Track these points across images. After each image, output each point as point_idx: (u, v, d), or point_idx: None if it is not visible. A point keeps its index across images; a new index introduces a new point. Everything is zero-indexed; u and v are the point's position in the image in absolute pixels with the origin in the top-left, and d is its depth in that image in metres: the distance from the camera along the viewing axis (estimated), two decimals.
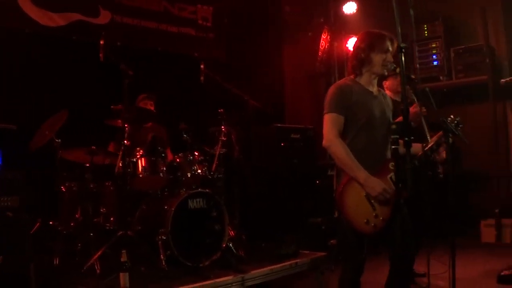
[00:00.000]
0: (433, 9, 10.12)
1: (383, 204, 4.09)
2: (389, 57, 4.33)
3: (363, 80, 4.39)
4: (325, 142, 4.19)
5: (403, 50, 3.84)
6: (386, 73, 4.46)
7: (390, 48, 4.35)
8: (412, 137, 3.80)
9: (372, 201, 4.08)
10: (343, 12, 9.99)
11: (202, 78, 6.79)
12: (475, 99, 9.82)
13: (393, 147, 3.90)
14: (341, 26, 10.30)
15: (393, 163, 4.19)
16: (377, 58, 4.32)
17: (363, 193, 4.08)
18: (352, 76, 4.44)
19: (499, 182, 9.35)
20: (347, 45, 10.18)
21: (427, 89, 4.29)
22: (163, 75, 7.74)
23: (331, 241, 7.67)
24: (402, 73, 3.84)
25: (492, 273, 6.44)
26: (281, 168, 8.04)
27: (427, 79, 9.87)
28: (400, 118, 5.19)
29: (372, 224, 4.07)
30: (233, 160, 7.13)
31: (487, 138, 9.29)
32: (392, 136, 3.87)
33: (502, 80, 6.81)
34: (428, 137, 5.27)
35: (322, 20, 10.25)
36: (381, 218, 4.08)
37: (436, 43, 10.06)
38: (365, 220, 4.06)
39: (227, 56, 8.97)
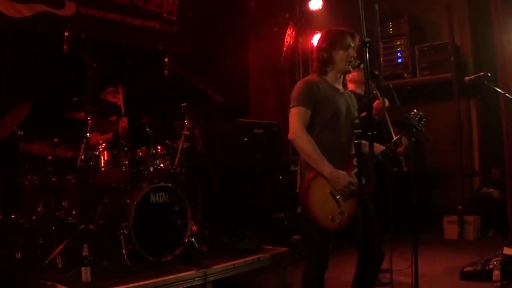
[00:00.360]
0: (399, 7, 10.23)
1: (348, 200, 4.14)
2: (352, 52, 4.40)
3: (329, 78, 4.45)
4: (290, 135, 4.23)
5: (367, 44, 3.89)
6: (351, 70, 4.50)
7: (352, 44, 4.41)
8: (376, 132, 3.84)
9: (337, 197, 4.13)
10: (308, 8, 10.05)
11: (166, 71, 6.79)
12: (440, 97, 9.97)
13: (355, 141, 3.94)
14: (307, 22, 10.37)
15: (357, 159, 4.27)
16: (339, 55, 4.39)
17: (328, 190, 4.13)
18: (316, 74, 4.49)
19: (463, 180, 9.49)
20: (312, 41, 10.22)
21: (391, 85, 4.33)
22: (127, 68, 7.68)
23: (294, 237, 7.71)
24: (366, 68, 3.89)
25: (455, 269, 6.55)
26: (244, 163, 8.06)
27: (392, 76, 9.97)
28: (364, 113, 5.28)
29: (337, 221, 4.12)
30: (196, 154, 7.12)
31: (451, 136, 9.43)
32: (355, 131, 3.92)
33: (466, 78, 6.91)
34: (392, 132, 5.34)
35: (287, 15, 10.28)
36: (346, 214, 4.13)
37: (401, 41, 10.18)
38: (330, 217, 4.10)
39: (192, 50, 8.94)
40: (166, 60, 6.78)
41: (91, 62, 5.65)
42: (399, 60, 10.21)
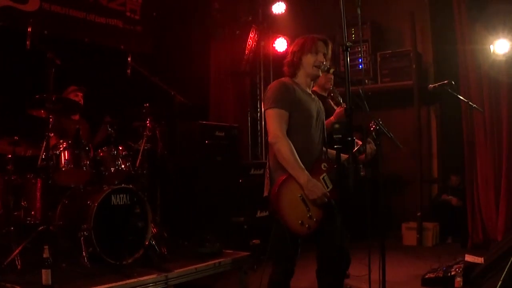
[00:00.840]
0: (362, 13, 10.29)
1: (317, 205, 4.14)
2: (320, 57, 4.42)
3: (299, 81, 4.47)
4: (271, 138, 4.19)
5: (349, 49, 3.93)
6: (320, 74, 4.51)
7: (322, 50, 4.45)
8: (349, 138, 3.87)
9: (307, 201, 4.13)
10: (272, 12, 10.03)
11: (129, 71, 6.75)
12: (400, 104, 10.11)
13: (335, 146, 3.96)
14: (269, 26, 10.35)
15: (325, 164, 4.31)
16: (307, 59, 4.42)
17: (298, 194, 4.12)
18: (288, 77, 4.50)
19: (422, 186, 9.62)
20: (274, 45, 10.26)
21: (360, 91, 4.37)
22: (89, 67, 7.55)
23: (253, 241, 7.73)
24: (347, 72, 3.93)
25: (416, 275, 6.66)
26: (204, 165, 8.01)
27: (352, 82, 10.01)
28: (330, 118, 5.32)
29: (307, 225, 4.12)
30: (157, 156, 7.08)
31: (411, 142, 9.55)
32: (335, 136, 3.93)
33: (430, 85, 7.02)
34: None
35: (250, 18, 10.25)
36: (314, 219, 4.14)
37: (363, 47, 10.26)
38: (300, 221, 4.10)
39: (154, 50, 8.87)
40: (129, 59, 6.74)
41: (55, 59, 5.55)
42: (360, 66, 10.30)
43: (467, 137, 8.79)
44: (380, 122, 4.50)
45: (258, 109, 10.47)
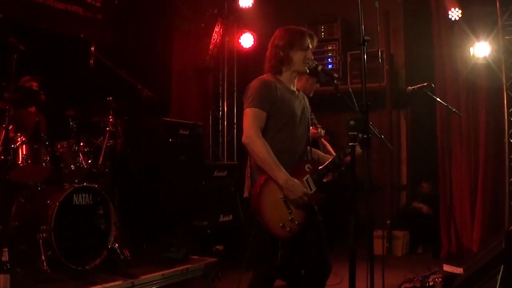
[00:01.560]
0: (332, 10, 10.25)
1: (299, 208, 4.08)
2: (309, 54, 4.39)
3: (283, 78, 4.39)
4: (244, 139, 4.10)
5: (366, 43, 3.82)
6: (307, 71, 4.44)
7: (310, 45, 4.41)
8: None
9: (289, 204, 4.06)
10: (238, 5, 9.88)
11: (91, 61, 6.52)
12: (370, 107, 10.01)
13: (350, 144, 3.82)
14: (235, 20, 10.23)
15: (309, 165, 4.26)
16: (297, 56, 4.35)
17: (280, 195, 4.05)
18: (270, 74, 4.39)
19: (392, 193, 9.56)
20: (239, 41, 10.12)
21: (350, 90, 4.27)
22: (48, 56, 7.26)
23: (217, 247, 7.59)
24: (363, 67, 3.82)
25: (391, 286, 6.57)
26: (167, 165, 7.83)
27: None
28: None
29: (288, 229, 4.05)
30: (118, 154, 6.85)
31: (380, 147, 9.47)
32: (350, 133, 3.80)
33: (409, 87, 6.97)
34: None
35: (216, 11, 10.09)
36: (296, 223, 4.08)
37: (332, 46, 10.17)
38: (281, 224, 4.03)
39: (115, 40, 8.59)
40: (92, 49, 6.52)
41: (18, 45, 5.25)
42: (330, 66, 10.19)
43: (441, 143, 8.74)
44: (370, 123, 4.37)
45: (220, 108, 10.33)
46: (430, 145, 9.13)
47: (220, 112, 10.35)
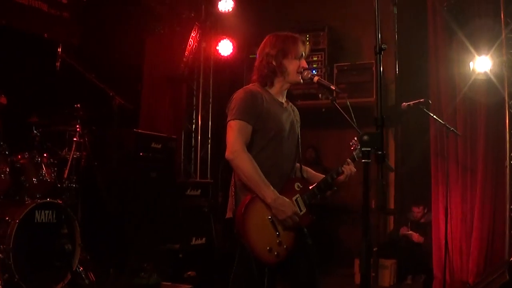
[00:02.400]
0: (318, 18, 10.17)
1: (288, 230, 3.99)
2: (303, 63, 4.29)
3: (273, 90, 4.30)
4: (228, 154, 3.99)
5: (382, 52, 3.68)
6: (301, 81, 4.36)
7: (304, 53, 4.30)
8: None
9: (277, 225, 3.96)
10: (217, 9, 9.77)
11: (58, 64, 6.43)
12: (357, 123, 9.93)
13: (363, 161, 3.68)
14: (213, 25, 10.14)
15: (299, 184, 4.17)
16: (291, 65, 4.25)
17: (267, 215, 3.95)
18: (258, 84, 4.29)
19: (378, 218, 9.46)
20: (217, 48, 10.03)
21: (348, 103, 4.16)
22: (9, 56, 7.05)
23: (189, 273, 7.46)
24: (379, 77, 3.67)
25: None
26: (136, 181, 7.67)
27: (304, 96, 9.81)
28: None
29: (275, 253, 3.94)
30: (84, 167, 6.69)
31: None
32: (363, 149, 3.66)
33: (404, 103, 6.89)
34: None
35: (193, 15, 9.97)
36: (284, 246, 3.97)
37: (318, 57, 10.07)
38: (268, 248, 3.91)
39: (82, 41, 8.40)
40: (59, 50, 6.39)
41: None
42: None
43: (435, 164, 8.64)
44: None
45: (194, 120, 10.20)
46: (421, 167, 9.05)
47: (194, 125, 10.24)
